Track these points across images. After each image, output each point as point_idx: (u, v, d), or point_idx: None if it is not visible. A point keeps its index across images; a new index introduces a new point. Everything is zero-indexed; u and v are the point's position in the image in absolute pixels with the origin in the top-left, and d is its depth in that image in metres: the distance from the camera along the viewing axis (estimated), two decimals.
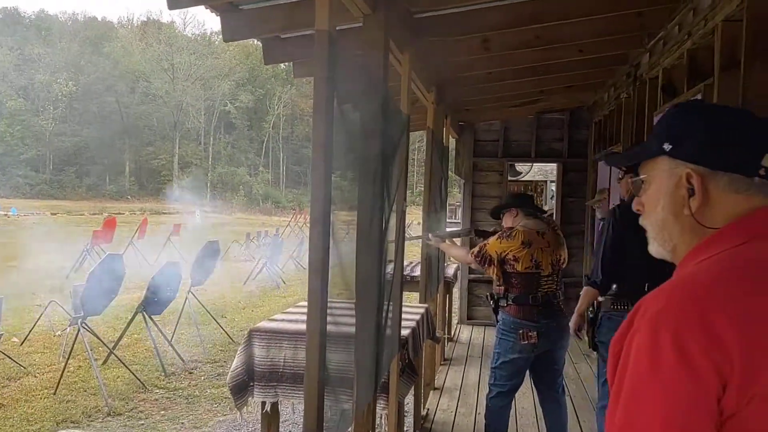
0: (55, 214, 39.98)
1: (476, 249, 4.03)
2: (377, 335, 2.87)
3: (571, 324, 3.81)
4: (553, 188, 14.62)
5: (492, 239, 3.98)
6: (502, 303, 3.94)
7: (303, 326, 3.89)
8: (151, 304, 6.80)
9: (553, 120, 8.08)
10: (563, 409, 4.09)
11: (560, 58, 4.96)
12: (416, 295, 5.12)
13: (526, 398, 5.07)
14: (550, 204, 13.26)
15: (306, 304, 2.23)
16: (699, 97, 3.53)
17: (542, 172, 14.36)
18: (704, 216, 1.07)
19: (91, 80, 63.23)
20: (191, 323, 8.42)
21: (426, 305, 4.66)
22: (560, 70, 5.42)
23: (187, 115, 66.27)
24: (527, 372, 4.05)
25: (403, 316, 4.13)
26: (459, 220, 11.30)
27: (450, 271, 6.86)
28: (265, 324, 3.84)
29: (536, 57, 4.89)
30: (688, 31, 3.79)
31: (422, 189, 5.17)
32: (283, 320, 3.98)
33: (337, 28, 3.64)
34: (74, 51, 65.08)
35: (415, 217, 22.09)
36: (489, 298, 4.09)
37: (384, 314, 3.07)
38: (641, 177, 1.16)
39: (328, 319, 2.28)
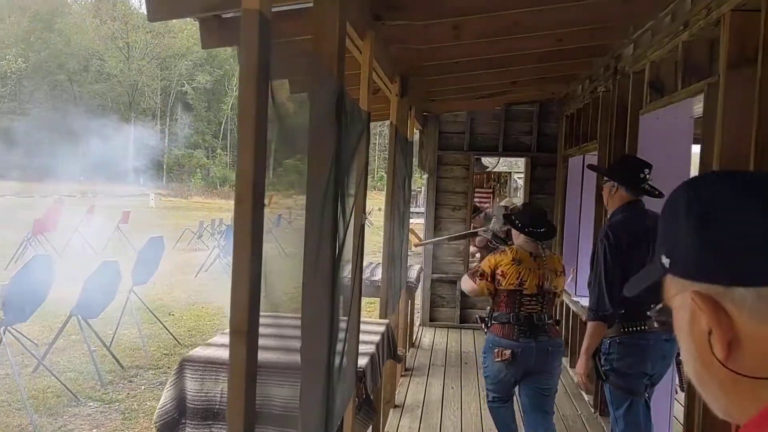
0: (1, 196, 38.35)
1: (470, 271, 4.19)
2: (328, 367, 2.40)
3: (579, 369, 3.35)
4: (517, 178, 14.30)
5: (488, 257, 4.04)
6: (489, 323, 3.87)
7: None
8: (85, 307, 6.20)
9: (522, 112, 7.66)
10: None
11: (537, 47, 4.52)
12: (377, 300, 4.65)
13: None
14: (514, 196, 12.93)
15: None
16: (701, 98, 3.10)
17: (506, 162, 13.99)
18: (741, 361, 0.70)
19: (42, 57, 60.91)
20: (134, 324, 7.82)
21: (387, 321, 4.19)
22: (535, 60, 4.98)
23: (142, 95, 64.45)
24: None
25: (361, 337, 3.67)
26: (422, 209, 10.88)
27: (413, 273, 6.41)
28: (199, 352, 3.32)
29: (511, 46, 4.43)
30: (684, 21, 3.36)
31: (385, 174, 4.70)
32: (222, 345, 3.46)
33: (285, 8, 3.14)
34: (24, 27, 62.52)
35: (377, 202, 21.65)
36: (479, 320, 4.00)
37: (339, 340, 2.61)
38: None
39: (270, 342, 1.86)
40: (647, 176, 3.37)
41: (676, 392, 4.20)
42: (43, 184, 50.31)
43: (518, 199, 11.79)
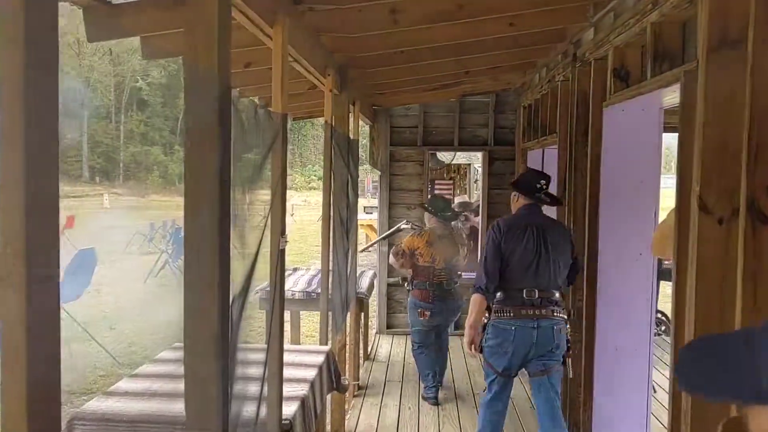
0: None
1: (394, 249, 5.44)
2: (223, 421, 1.91)
3: (466, 339, 3.84)
4: (478, 168, 13.89)
5: (406, 237, 5.51)
6: (409, 287, 5.38)
7: (153, 405, 2.87)
8: None
9: (477, 104, 7.21)
10: (445, 356, 5.55)
11: (488, 33, 4.04)
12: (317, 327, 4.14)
13: None
14: (474, 189, 12.51)
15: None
16: (677, 87, 2.65)
17: (465, 154, 13.57)
18: None
19: None
20: (67, 343, 7.19)
21: (327, 348, 3.69)
22: (488, 48, 4.51)
23: (95, 91, 62.59)
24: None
25: (291, 373, 3.17)
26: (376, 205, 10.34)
27: (364, 282, 5.91)
28: (94, 405, 2.79)
29: (458, 32, 3.94)
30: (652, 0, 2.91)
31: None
32: (125, 394, 2.93)
33: None
34: None
35: (312, 195, 21.04)
36: (403, 280, 5.70)
37: (244, 378, 2.14)
38: None
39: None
40: (543, 186, 3.95)
41: (654, 391, 4.24)
42: None
43: (478, 192, 11.38)
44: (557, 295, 3.75)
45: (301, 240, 18.76)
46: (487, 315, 3.81)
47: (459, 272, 5.51)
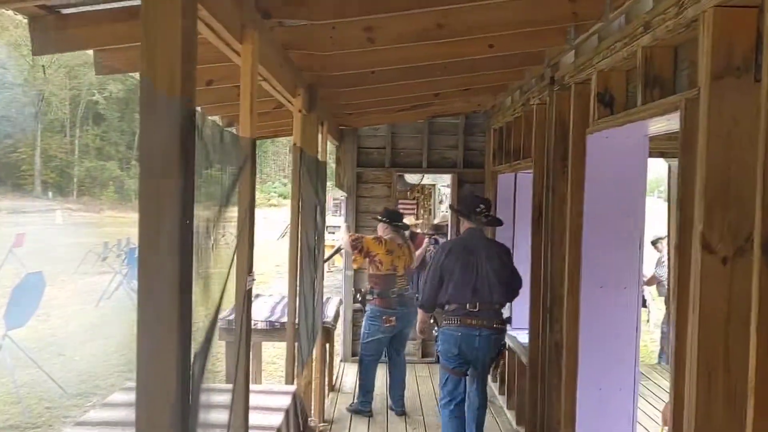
0: None
1: (355, 236, 5.63)
2: None
3: (417, 326, 4.83)
4: (445, 192, 13.77)
5: (369, 237, 5.55)
6: (369, 297, 5.45)
7: None
8: None
9: (446, 125, 7.04)
10: (404, 365, 5.66)
11: (465, 55, 3.86)
12: (284, 353, 3.86)
13: None
14: (439, 210, 12.37)
15: None
16: (676, 116, 2.49)
17: (432, 175, 13.42)
18: None
19: None
20: (11, 373, 6.75)
21: (293, 388, 3.42)
22: (462, 70, 4.33)
23: (50, 105, 60.97)
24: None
25: (257, 419, 2.90)
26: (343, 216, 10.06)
27: (330, 310, 5.65)
28: None
29: (435, 53, 3.76)
30: (644, 22, 2.76)
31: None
32: (99, 424, 2.63)
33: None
34: None
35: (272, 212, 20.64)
36: (357, 293, 5.84)
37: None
38: None
39: None
40: (483, 210, 4.51)
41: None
42: None
43: (443, 213, 11.24)
44: (497, 307, 4.38)
45: (263, 259, 18.32)
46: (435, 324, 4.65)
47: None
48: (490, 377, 5.35)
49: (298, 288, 3.65)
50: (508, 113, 5.71)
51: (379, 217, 5.65)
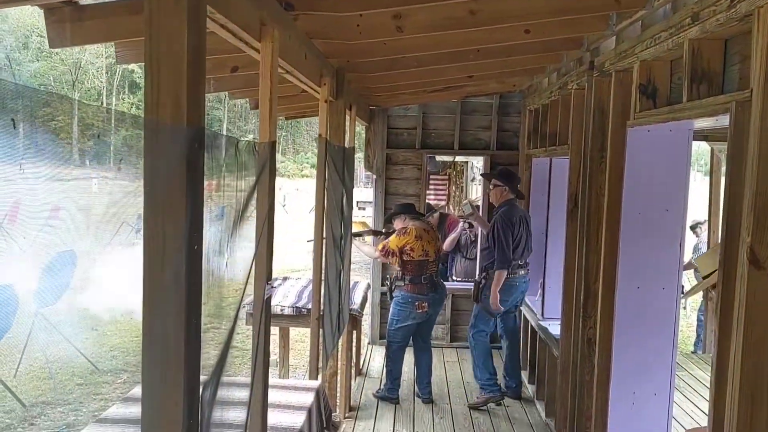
0: None
1: (380, 246, 5.48)
2: None
3: (494, 301, 5.25)
4: (478, 167, 13.54)
5: (392, 238, 5.42)
6: (399, 284, 5.37)
7: None
8: None
9: (480, 105, 6.85)
10: (430, 351, 5.67)
11: (499, 41, 3.69)
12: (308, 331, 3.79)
13: None
14: (471, 189, 12.20)
15: None
16: (726, 118, 2.31)
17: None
18: None
19: None
20: (42, 349, 6.85)
21: (317, 384, 3.36)
22: (497, 54, 4.15)
23: (86, 73, 61.65)
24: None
25: (277, 418, 2.85)
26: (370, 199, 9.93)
27: (357, 296, 5.58)
28: None
29: (468, 39, 3.59)
30: (692, 12, 2.57)
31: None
32: (120, 420, 2.61)
33: None
34: None
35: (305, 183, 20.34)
36: (387, 280, 5.72)
37: None
38: None
39: None
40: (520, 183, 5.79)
41: None
42: None
43: (480, 187, 11.05)
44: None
45: (297, 235, 18.27)
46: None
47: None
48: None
49: (323, 288, 3.57)
50: (544, 95, 5.51)
51: (394, 218, 5.58)
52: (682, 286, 7.07)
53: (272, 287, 2.26)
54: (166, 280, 1.33)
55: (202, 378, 1.53)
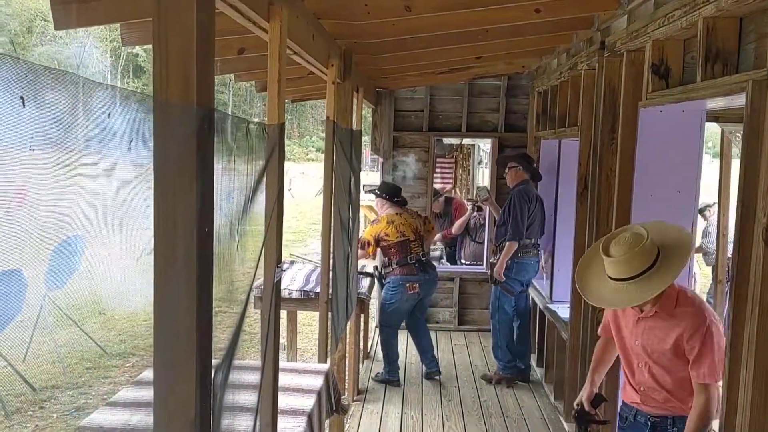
0: None
1: (360, 241, 5.28)
2: None
3: (498, 269, 5.35)
4: (486, 149, 13.46)
5: (366, 230, 5.56)
6: (388, 270, 5.41)
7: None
8: None
9: (487, 87, 6.79)
10: (426, 328, 5.71)
11: (509, 20, 3.64)
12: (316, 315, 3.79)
13: None
14: (478, 172, 12.13)
15: None
16: (743, 97, 2.27)
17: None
18: None
19: None
20: (50, 333, 6.88)
21: (326, 367, 3.35)
22: (505, 34, 4.10)
23: (91, 57, 61.58)
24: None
25: (287, 401, 2.85)
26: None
27: (365, 281, 5.57)
28: (97, 419, 2.46)
29: (476, 19, 3.55)
30: None
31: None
32: (131, 404, 2.61)
33: None
34: None
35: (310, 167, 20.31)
36: (375, 270, 5.64)
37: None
38: None
39: None
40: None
41: None
42: None
43: (486, 171, 10.99)
44: None
45: (300, 217, 18.35)
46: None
47: (430, 245, 6.21)
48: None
49: (331, 271, 3.56)
50: (553, 76, 5.45)
51: (378, 192, 5.56)
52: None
53: (282, 270, 2.25)
54: (178, 263, 1.31)
55: (214, 362, 1.52)
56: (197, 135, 1.27)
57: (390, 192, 5.51)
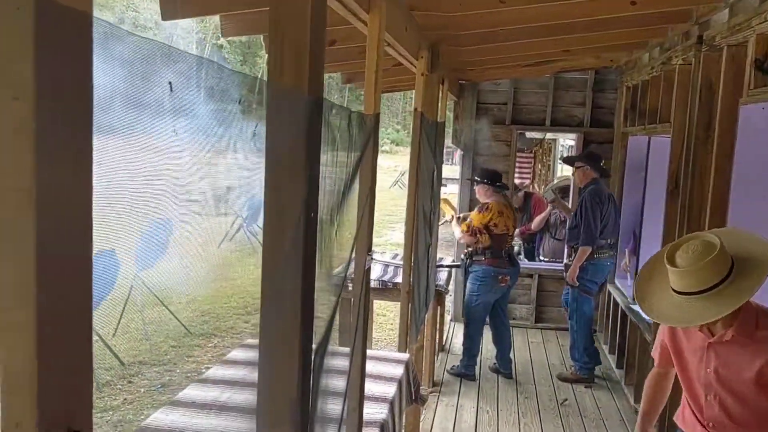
0: None
1: (464, 227, 5.40)
2: None
3: (571, 274, 5.38)
4: (564, 145, 13.22)
5: (474, 215, 5.41)
6: (479, 258, 5.37)
7: (222, 421, 2.65)
8: None
9: (574, 81, 6.66)
10: (509, 325, 5.71)
11: (603, 12, 3.56)
12: (394, 305, 3.84)
13: None
14: (558, 168, 11.93)
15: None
16: None
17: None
18: None
19: None
20: (140, 311, 7.19)
21: (406, 357, 3.39)
22: (597, 27, 4.01)
23: (178, 48, 63.71)
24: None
25: (373, 388, 2.89)
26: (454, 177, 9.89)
27: (442, 274, 5.58)
28: (159, 418, 2.58)
29: (570, 11, 3.48)
30: None
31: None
32: (192, 404, 2.72)
33: None
34: None
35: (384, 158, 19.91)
36: (465, 256, 5.57)
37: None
38: None
39: None
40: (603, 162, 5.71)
41: None
42: None
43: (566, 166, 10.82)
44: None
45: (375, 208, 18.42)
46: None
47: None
48: (607, 348, 6.21)
49: (412, 261, 3.58)
50: (644, 71, 5.30)
51: (478, 179, 5.44)
52: None
53: (372, 258, 2.29)
54: (285, 245, 1.36)
55: (314, 345, 1.57)
56: (308, 122, 1.30)
57: (492, 177, 5.40)
